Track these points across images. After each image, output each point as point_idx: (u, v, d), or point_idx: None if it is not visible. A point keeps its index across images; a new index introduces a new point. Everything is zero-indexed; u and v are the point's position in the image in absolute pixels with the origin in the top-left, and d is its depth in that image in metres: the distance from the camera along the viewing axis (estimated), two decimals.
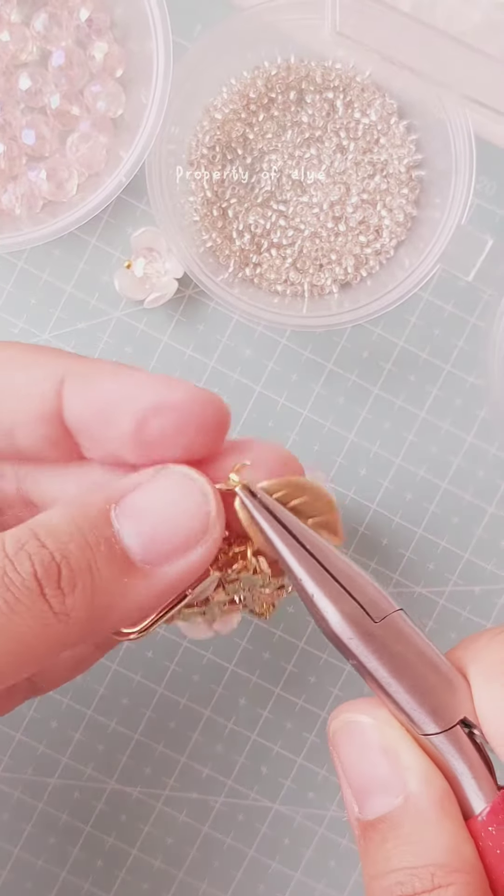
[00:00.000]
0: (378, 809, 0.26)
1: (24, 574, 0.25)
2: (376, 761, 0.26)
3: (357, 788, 0.27)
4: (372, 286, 0.44)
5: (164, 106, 0.41)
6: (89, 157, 0.43)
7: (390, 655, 0.27)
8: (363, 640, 0.27)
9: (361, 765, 0.27)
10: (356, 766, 0.27)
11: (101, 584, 0.26)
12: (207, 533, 0.27)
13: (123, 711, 0.45)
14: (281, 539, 0.28)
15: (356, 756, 0.27)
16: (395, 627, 0.27)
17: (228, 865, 0.45)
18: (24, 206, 0.43)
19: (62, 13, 0.43)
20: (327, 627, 0.27)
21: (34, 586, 0.25)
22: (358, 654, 0.27)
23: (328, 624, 0.27)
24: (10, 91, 0.43)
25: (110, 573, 0.26)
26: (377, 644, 0.27)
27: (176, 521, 0.27)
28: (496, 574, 0.45)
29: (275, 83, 0.44)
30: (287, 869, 0.45)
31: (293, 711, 0.45)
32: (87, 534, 0.26)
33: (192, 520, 0.27)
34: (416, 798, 0.26)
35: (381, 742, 0.27)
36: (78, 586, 0.25)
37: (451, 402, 0.45)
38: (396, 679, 0.27)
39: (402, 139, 0.44)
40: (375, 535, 0.45)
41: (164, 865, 0.45)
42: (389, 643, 0.27)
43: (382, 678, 0.27)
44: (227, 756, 0.45)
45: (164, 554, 0.27)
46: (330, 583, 0.27)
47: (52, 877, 0.45)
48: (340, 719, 0.28)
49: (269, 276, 0.44)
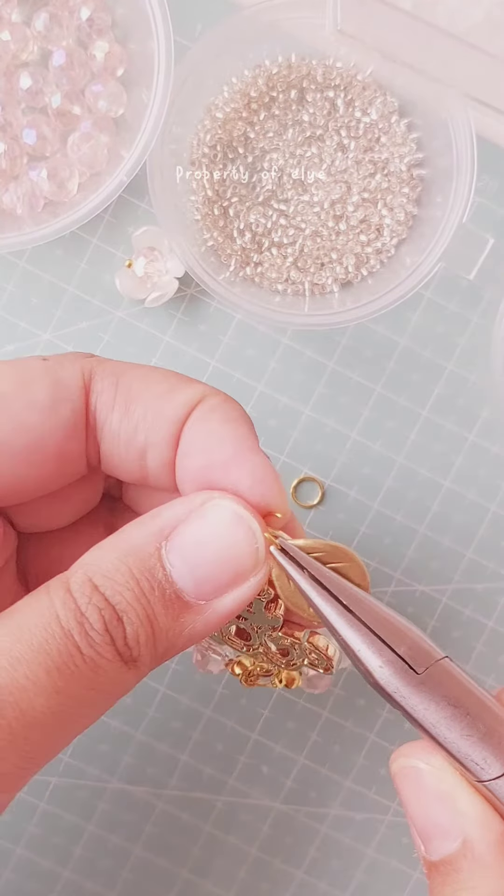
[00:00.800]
0: (440, 851, 0.27)
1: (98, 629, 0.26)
2: (434, 806, 0.27)
3: (420, 830, 0.27)
4: (373, 285, 0.44)
5: (165, 105, 0.41)
6: (90, 156, 0.43)
7: (437, 705, 0.27)
8: (408, 692, 0.27)
9: (421, 808, 0.27)
10: (417, 809, 0.27)
11: (161, 630, 0.27)
12: (257, 566, 0.28)
13: (126, 711, 0.45)
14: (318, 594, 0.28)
15: (415, 800, 0.27)
16: (441, 675, 0.27)
17: (231, 864, 0.45)
18: (25, 205, 0.43)
19: (63, 13, 0.43)
20: (373, 681, 0.27)
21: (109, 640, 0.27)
22: (404, 706, 0.27)
23: (374, 678, 0.27)
24: (12, 91, 0.43)
25: (168, 617, 0.27)
26: (422, 695, 0.27)
27: (227, 558, 0.28)
28: (498, 572, 0.45)
29: (276, 82, 0.44)
30: (290, 868, 0.45)
31: (295, 711, 0.45)
32: (142, 581, 0.27)
33: (243, 556, 0.28)
34: (474, 843, 0.26)
35: (438, 788, 0.27)
36: (141, 637, 0.27)
37: (454, 400, 0.45)
38: (445, 728, 0.27)
39: (403, 138, 0.44)
40: (378, 533, 0.45)
41: (168, 864, 0.45)
42: (435, 692, 0.27)
43: (431, 728, 0.27)
44: (228, 755, 0.45)
45: (216, 591, 0.27)
46: (370, 636, 0.27)
47: (54, 876, 0.45)
48: (398, 763, 0.28)
49: (271, 275, 0.44)
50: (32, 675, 0.26)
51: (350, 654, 0.28)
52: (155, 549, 0.27)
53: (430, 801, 0.27)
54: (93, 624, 0.26)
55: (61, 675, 0.26)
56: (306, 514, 0.45)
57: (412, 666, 0.27)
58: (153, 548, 0.27)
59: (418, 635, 0.28)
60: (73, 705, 0.26)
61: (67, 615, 0.26)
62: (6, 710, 0.26)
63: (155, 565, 0.27)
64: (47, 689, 0.26)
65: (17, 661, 0.26)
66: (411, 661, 0.27)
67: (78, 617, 0.26)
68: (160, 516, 0.28)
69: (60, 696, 0.26)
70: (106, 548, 0.28)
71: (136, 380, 0.30)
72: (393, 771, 0.28)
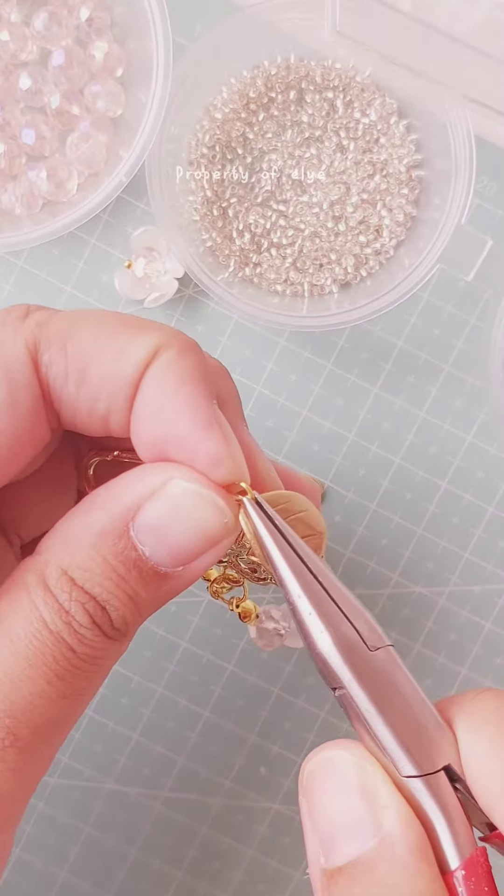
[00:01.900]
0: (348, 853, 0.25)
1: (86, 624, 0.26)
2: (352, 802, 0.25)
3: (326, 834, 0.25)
4: (372, 286, 0.44)
5: (163, 105, 0.41)
6: (89, 156, 0.43)
7: (379, 688, 0.26)
8: (355, 667, 0.26)
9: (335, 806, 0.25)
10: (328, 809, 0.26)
11: (143, 603, 0.27)
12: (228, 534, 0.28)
13: (122, 712, 0.45)
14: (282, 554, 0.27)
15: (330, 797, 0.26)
16: (387, 661, 0.26)
17: (228, 865, 0.45)
18: (24, 205, 0.43)
19: (62, 12, 0.43)
20: (318, 649, 0.26)
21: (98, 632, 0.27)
22: (346, 682, 0.26)
23: (320, 646, 0.26)
24: (10, 90, 0.43)
25: (149, 592, 0.27)
26: (368, 674, 0.26)
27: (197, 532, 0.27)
28: (496, 574, 0.45)
29: (275, 83, 0.44)
30: (287, 868, 0.45)
31: (292, 712, 0.45)
32: (117, 566, 0.27)
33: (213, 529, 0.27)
34: (393, 840, 0.24)
35: (360, 780, 0.25)
36: (128, 617, 0.27)
37: (451, 402, 0.45)
38: (383, 713, 0.26)
39: (401, 139, 0.44)
40: (375, 534, 0.45)
41: (164, 866, 0.45)
42: (380, 675, 0.26)
43: (367, 711, 0.26)
44: (226, 756, 0.45)
45: (192, 557, 0.28)
46: (328, 604, 0.27)
47: (51, 877, 0.45)
48: (317, 759, 0.26)
49: (269, 276, 0.44)
50: (37, 690, 0.26)
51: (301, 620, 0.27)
52: (124, 532, 0.27)
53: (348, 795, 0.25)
54: (80, 621, 0.26)
55: (62, 681, 0.26)
56: None
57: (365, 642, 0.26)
58: (121, 530, 0.27)
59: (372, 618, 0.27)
60: (78, 698, 0.27)
61: (53, 617, 0.26)
62: (22, 731, 0.26)
63: (127, 547, 0.27)
64: (53, 698, 0.26)
65: (18, 679, 0.26)
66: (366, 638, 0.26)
67: (63, 617, 0.26)
68: (123, 497, 0.28)
69: (66, 698, 0.26)
70: (74, 535, 0.27)
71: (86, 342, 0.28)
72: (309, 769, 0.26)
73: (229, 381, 0.32)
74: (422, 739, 0.25)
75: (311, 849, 0.26)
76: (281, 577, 0.27)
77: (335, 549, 0.45)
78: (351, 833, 0.25)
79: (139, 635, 0.45)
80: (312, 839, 0.26)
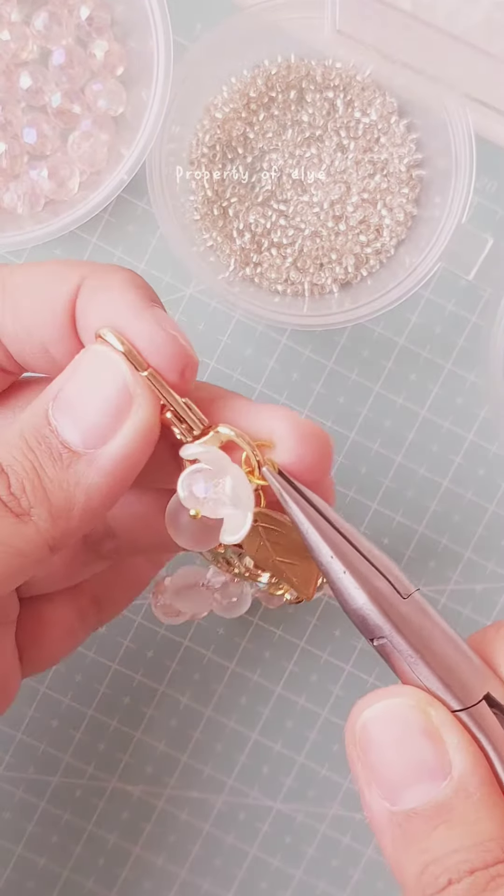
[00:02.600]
0: (420, 798, 0.25)
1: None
2: (419, 745, 0.26)
3: (391, 782, 0.26)
4: (372, 285, 0.44)
5: (164, 104, 0.41)
6: (91, 155, 0.43)
7: (416, 632, 0.27)
8: (393, 616, 0.27)
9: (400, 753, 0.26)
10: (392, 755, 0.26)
11: (50, 480, 0.28)
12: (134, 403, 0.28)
13: (124, 710, 0.45)
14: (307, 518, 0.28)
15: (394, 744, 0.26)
16: (418, 606, 0.27)
17: (230, 864, 0.45)
18: (26, 204, 0.43)
19: (62, 12, 0.43)
20: (357, 604, 0.27)
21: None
22: (386, 632, 0.27)
23: (358, 601, 0.27)
24: (11, 90, 0.43)
25: (55, 467, 0.28)
26: (405, 620, 0.27)
27: (100, 402, 0.28)
28: (497, 572, 0.45)
29: (275, 82, 0.44)
30: (289, 867, 0.45)
31: (294, 710, 0.45)
32: (29, 438, 0.28)
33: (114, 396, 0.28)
34: (466, 778, 0.25)
35: (425, 724, 0.26)
36: (27, 487, 0.27)
37: (452, 400, 0.45)
38: (424, 655, 0.27)
39: (402, 138, 0.44)
40: (376, 533, 0.45)
41: (166, 864, 0.45)
42: (414, 620, 0.27)
43: (410, 655, 0.27)
44: (227, 755, 0.45)
45: (99, 435, 0.28)
46: (359, 561, 0.28)
47: (54, 876, 0.45)
48: (376, 707, 0.27)
49: (270, 276, 0.44)
50: None
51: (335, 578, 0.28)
52: (43, 411, 0.28)
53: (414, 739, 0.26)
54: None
55: None
56: None
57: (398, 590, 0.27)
58: (42, 410, 0.28)
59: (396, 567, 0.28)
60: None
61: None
62: None
63: (42, 424, 0.28)
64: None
65: None
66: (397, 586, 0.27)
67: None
68: (51, 383, 0.29)
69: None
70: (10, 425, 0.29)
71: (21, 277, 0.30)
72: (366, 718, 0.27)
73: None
74: (461, 674, 0.27)
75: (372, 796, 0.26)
76: (309, 540, 0.28)
77: None
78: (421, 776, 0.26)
79: (142, 634, 0.45)
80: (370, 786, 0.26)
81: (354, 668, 0.45)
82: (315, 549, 0.28)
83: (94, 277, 0.29)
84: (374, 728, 0.27)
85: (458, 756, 0.26)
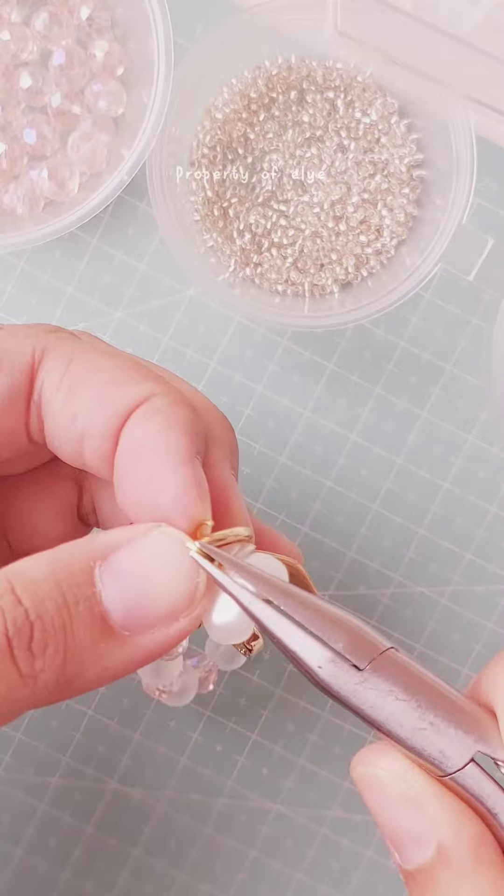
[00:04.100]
0: (415, 859, 0.25)
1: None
2: (402, 813, 0.25)
3: (391, 838, 0.25)
4: (373, 286, 0.44)
5: (165, 105, 0.41)
6: (91, 155, 0.43)
7: (384, 700, 0.25)
8: (351, 690, 0.25)
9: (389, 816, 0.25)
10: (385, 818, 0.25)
11: (75, 648, 0.25)
12: (192, 607, 0.26)
13: (124, 712, 0.45)
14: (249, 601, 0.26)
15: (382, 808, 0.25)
16: (388, 667, 0.25)
17: (230, 867, 0.45)
18: (25, 205, 0.43)
19: (62, 12, 0.43)
20: (315, 681, 0.25)
21: (3, 645, 0.24)
22: (350, 705, 0.25)
23: (315, 678, 0.25)
24: (11, 90, 0.43)
25: (86, 637, 0.25)
26: (368, 692, 0.25)
27: (162, 591, 0.26)
28: (498, 574, 0.45)
29: (276, 83, 0.44)
30: (289, 870, 0.45)
31: (294, 712, 0.45)
32: (67, 592, 0.25)
33: (180, 592, 0.26)
34: (449, 850, 0.24)
35: (403, 794, 0.25)
36: (49, 648, 0.24)
37: (453, 402, 0.45)
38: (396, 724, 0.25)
39: (403, 139, 0.44)
40: (377, 535, 0.45)
41: (166, 866, 0.45)
42: (382, 687, 0.25)
43: (382, 725, 0.25)
44: (227, 757, 0.45)
45: (145, 623, 0.25)
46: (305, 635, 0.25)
47: (53, 878, 0.45)
48: (357, 772, 0.26)
49: (270, 276, 0.44)
50: None
51: (288, 655, 0.26)
52: (88, 566, 0.25)
53: (397, 808, 0.25)
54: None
55: None
56: (306, 514, 0.45)
57: (353, 662, 0.25)
58: (86, 564, 0.25)
59: (359, 627, 0.26)
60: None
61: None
62: None
63: (85, 581, 0.25)
64: None
65: None
66: (352, 655, 0.25)
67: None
68: (99, 537, 0.26)
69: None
70: (38, 558, 0.25)
71: (88, 364, 0.28)
72: (354, 779, 0.26)
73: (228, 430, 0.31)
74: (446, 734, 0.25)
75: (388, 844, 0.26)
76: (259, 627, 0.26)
77: (338, 550, 0.45)
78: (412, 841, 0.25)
79: None
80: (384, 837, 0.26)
81: None
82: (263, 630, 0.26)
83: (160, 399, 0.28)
84: (363, 791, 0.26)
85: (440, 828, 0.24)
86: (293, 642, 0.25)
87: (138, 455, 0.27)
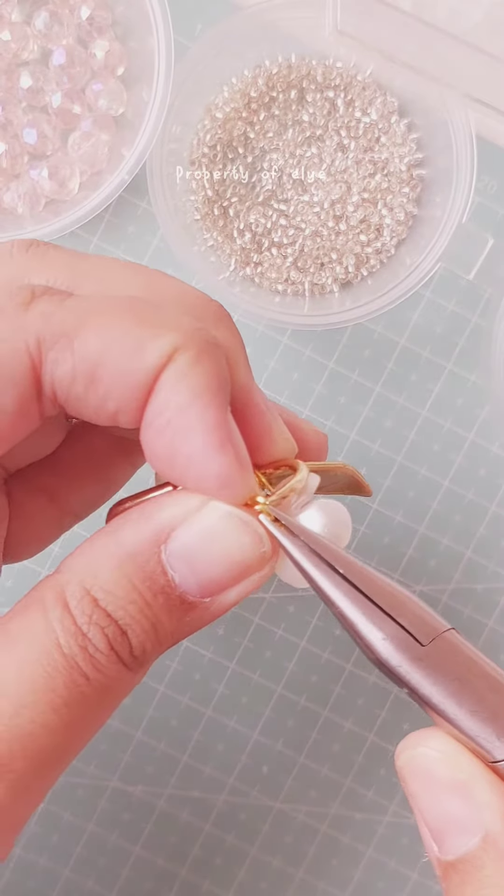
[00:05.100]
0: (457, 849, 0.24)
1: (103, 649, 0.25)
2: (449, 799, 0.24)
3: (433, 827, 0.25)
4: (373, 285, 0.44)
5: (165, 104, 0.41)
6: (91, 154, 0.43)
7: (445, 678, 0.25)
8: (412, 667, 0.25)
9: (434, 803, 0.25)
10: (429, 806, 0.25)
11: (165, 634, 0.26)
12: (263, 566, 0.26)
13: (125, 710, 0.45)
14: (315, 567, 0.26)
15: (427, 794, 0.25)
16: (447, 648, 0.25)
17: (230, 864, 0.45)
18: (26, 204, 0.43)
19: (63, 11, 0.43)
20: (374, 656, 0.25)
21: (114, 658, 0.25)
22: (409, 681, 0.25)
23: (374, 652, 0.25)
24: (12, 90, 0.43)
25: (171, 621, 0.26)
26: (428, 669, 0.25)
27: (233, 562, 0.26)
28: (498, 572, 0.45)
29: (276, 82, 0.44)
30: (289, 867, 0.45)
31: (295, 710, 0.45)
32: (143, 590, 0.26)
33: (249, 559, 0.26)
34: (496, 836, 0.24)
35: (453, 777, 0.24)
36: (147, 646, 0.26)
37: (453, 400, 0.45)
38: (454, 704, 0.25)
39: (402, 138, 0.44)
40: (377, 533, 0.45)
41: (167, 864, 0.45)
42: (441, 666, 0.25)
43: (439, 704, 0.25)
44: (228, 754, 0.45)
45: (221, 588, 0.26)
46: (370, 608, 0.25)
47: (54, 875, 0.45)
48: (405, 755, 0.25)
49: (270, 275, 0.44)
50: (40, 718, 0.24)
51: (349, 628, 0.26)
52: (154, 554, 0.26)
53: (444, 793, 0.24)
54: (97, 645, 0.25)
55: (70, 709, 0.25)
56: None
57: (416, 638, 0.25)
58: (152, 553, 0.26)
59: (421, 607, 0.26)
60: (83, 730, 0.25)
61: (69, 640, 0.25)
62: (16, 763, 0.24)
63: (156, 571, 0.25)
64: (58, 727, 0.25)
65: (21, 705, 0.24)
66: (415, 632, 0.25)
67: (80, 641, 0.25)
68: (155, 518, 0.26)
69: (70, 730, 0.25)
70: (100, 554, 0.26)
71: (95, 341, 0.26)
72: (399, 765, 0.26)
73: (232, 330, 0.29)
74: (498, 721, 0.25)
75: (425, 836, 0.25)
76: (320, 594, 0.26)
77: None
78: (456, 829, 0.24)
79: None
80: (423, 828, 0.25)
81: (355, 667, 0.45)
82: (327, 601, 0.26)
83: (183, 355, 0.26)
84: (408, 777, 0.25)
85: (488, 814, 0.24)
86: (356, 614, 0.26)
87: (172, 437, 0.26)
